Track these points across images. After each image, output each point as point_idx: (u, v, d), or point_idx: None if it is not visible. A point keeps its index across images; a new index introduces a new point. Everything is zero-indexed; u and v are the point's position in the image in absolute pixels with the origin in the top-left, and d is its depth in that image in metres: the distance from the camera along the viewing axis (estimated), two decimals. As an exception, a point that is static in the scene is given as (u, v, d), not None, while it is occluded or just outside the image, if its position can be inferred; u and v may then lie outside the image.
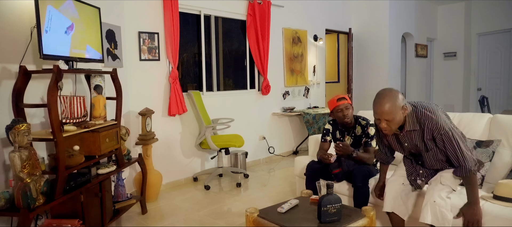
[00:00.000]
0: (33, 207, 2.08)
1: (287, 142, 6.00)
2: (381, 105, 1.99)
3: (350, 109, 2.90)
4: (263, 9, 5.19)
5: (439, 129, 1.99)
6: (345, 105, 2.89)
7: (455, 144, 1.99)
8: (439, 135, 2.00)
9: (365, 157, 2.83)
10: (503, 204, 2.19)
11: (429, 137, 2.04)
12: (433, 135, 2.02)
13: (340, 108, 2.89)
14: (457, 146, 2.00)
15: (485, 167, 2.54)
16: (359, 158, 2.81)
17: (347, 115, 2.88)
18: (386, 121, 2.00)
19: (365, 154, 2.85)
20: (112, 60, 3.59)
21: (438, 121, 1.99)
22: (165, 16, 4.15)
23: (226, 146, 4.30)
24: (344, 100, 2.89)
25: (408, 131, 2.09)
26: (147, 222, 3.29)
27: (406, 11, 7.42)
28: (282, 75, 5.82)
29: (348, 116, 2.88)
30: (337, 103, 2.89)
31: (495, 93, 8.00)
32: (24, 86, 2.37)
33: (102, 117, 2.88)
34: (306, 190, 2.68)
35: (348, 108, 2.90)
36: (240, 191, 4.14)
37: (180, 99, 4.24)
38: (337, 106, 2.89)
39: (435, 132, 2.00)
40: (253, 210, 2.22)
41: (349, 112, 2.89)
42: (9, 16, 2.37)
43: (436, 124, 1.99)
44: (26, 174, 2.09)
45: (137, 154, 3.55)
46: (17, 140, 2.08)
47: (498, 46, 7.94)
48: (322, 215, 2.02)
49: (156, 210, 3.58)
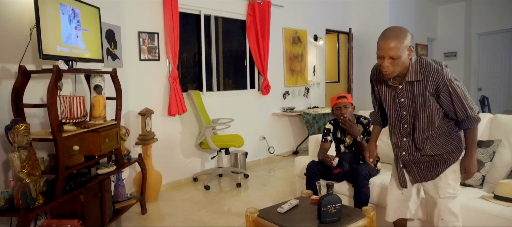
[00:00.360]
0: (32, 207, 2.08)
1: (287, 142, 5.99)
2: (387, 40, 1.77)
3: (349, 109, 2.91)
4: (263, 9, 5.19)
5: (445, 80, 1.80)
6: (344, 104, 2.91)
7: (461, 94, 1.82)
8: (444, 86, 1.81)
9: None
10: (503, 204, 2.19)
11: (432, 89, 1.84)
12: (438, 87, 1.82)
13: (339, 106, 2.95)
14: (463, 96, 1.82)
15: (486, 167, 2.54)
16: (362, 146, 2.82)
17: (345, 113, 2.90)
18: (391, 59, 1.78)
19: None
20: (112, 60, 3.59)
21: (443, 71, 1.81)
22: (165, 16, 4.14)
23: (226, 146, 4.30)
24: (344, 99, 2.93)
25: (409, 81, 1.88)
26: (147, 222, 3.29)
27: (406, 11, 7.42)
28: (282, 75, 5.81)
29: (346, 114, 2.90)
30: (337, 101, 2.97)
31: (495, 93, 8.00)
32: (24, 86, 2.37)
33: (102, 117, 2.88)
34: (306, 190, 2.68)
35: (347, 107, 2.91)
36: (240, 191, 4.14)
37: (180, 99, 4.24)
38: (337, 104, 2.96)
39: (441, 84, 1.81)
40: (253, 210, 2.22)
41: (348, 111, 2.90)
42: (9, 16, 2.37)
43: (441, 74, 1.80)
44: (26, 174, 2.08)
45: (137, 154, 3.54)
46: (17, 140, 2.07)
47: (498, 46, 7.94)
48: (322, 215, 2.02)
49: (156, 210, 3.58)
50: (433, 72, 1.82)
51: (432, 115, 1.91)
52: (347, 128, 2.88)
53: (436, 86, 1.83)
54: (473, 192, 2.44)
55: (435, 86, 1.83)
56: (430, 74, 1.83)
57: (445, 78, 1.80)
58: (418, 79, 1.85)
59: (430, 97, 1.87)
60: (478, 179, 2.53)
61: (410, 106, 1.95)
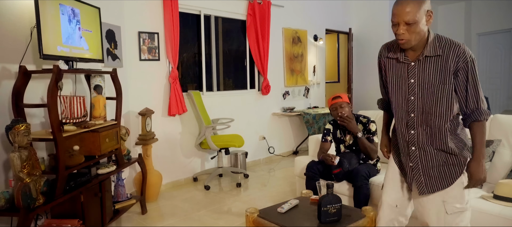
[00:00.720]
0: (33, 207, 2.08)
1: (287, 142, 6.00)
2: (402, 4, 1.57)
3: (345, 108, 2.93)
4: (263, 9, 5.19)
5: (466, 56, 1.60)
6: (340, 103, 2.93)
7: (477, 78, 1.64)
8: (465, 63, 1.60)
9: (368, 145, 2.84)
10: (503, 204, 2.19)
11: (453, 66, 1.62)
12: (458, 64, 1.61)
13: (335, 106, 2.97)
14: (478, 81, 1.64)
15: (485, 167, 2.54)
16: (363, 142, 2.83)
17: (342, 113, 2.91)
18: (407, 24, 1.57)
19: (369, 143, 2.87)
20: (112, 60, 3.59)
21: (465, 48, 1.62)
22: (165, 16, 4.15)
23: (226, 146, 4.30)
24: (339, 99, 2.96)
25: (427, 56, 1.66)
26: (147, 222, 3.29)
27: (406, 11, 7.41)
28: (282, 75, 5.82)
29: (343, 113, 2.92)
30: (332, 102, 2.99)
31: (495, 93, 8.00)
32: (24, 86, 2.37)
33: (102, 117, 2.88)
34: (306, 190, 2.68)
35: (343, 106, 2.92)
36: (240, 191, 4.14)
37: (180, 99, 4.24)
38: (332, 104, 2.98)
39: (462, 59, 1.61)
40: (253, 210, 2.22)
41: (344, 111, 2.91)
42: (9, 16, 2.37)
43: (464, 49, 1.61)
44: (26, 174, 2.09)
45: (137, 154, 3.54)
46: (17, 140, 2.08)
47: (498, 46, 7.94)
48: (322, 215, 2.02)
49: (156, 210, 3.58)
50: (454, 46, 1.63)
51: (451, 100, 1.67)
52: (346, 124, 2.88)
53: (457, 62, 1.62)
54: (473, 192, 2.44)
55: (456, 62, 1.62)
56: (451, 48, 1.63)
57: (467, 54, 1.61)
58: (437, 54, 1.64)
59: (450, 76, 1.65)
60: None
61: (420, 90, 1.71)
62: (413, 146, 1.78)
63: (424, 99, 1.70)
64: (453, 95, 1.67)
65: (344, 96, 2.99)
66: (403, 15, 1.57)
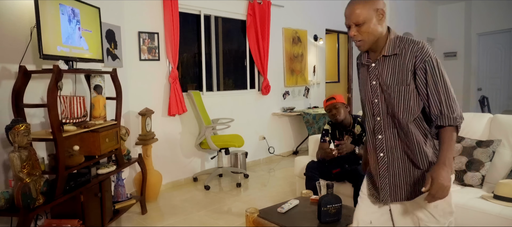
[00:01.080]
0: (32, 207, 2.08)
1: (287, 142, 6.00)
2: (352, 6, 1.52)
3: (340, 109, 2.94)
4: (263, 9, 5.19)
5: (424, 55, 1.48)
6: (334, 104, 2.96)
7: (440, 79, 1.47)
8: (422, 63, 1.49)
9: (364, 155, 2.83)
10: (503, 204, 2.19)
11: (411, 66, 1.51)
12: (416, 63, 1.50)
13: (329, 108, 2.99)
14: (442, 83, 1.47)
15: (486, 167, 2.54)
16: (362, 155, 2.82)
17: (336, 113, 2.93)
18: (357, 26, 1.52)
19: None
20: (112, 60, 3.59)
21: (425, 46, 1.51)
22: (165, 16, 4.15)
23: (226, 146, 4.30)
24: (332, 100, 3.00)
25: (386, 56, 1.56)
26: (147, 222, 3.29)
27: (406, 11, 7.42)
28: (282, 75, 5.82)
29: (338, 114, 2.93)
30: (326, 103, 3.02)
31: (495, 93, 8.00)
32: (24, 86, 2.37)
33: (102, 117, 2.88)
34: (306, 190, 2.68)
35: (338, 107, 2.94)
36: (240, 191, 4.14)
37: (180, 99, 4.24)
38: (327, 106, 3.01)
39: (419, 58, 1.49)
40: (253, 210, 2.22)
41: (339, 111, 2.93)
42: (9, 16, 2.37)
43: (422, 48, 1.50)
44: (26, 174, 2.09)
45: (137, 154, 3.54)
46: (17, 140, 2.07)
47: (498, 46, 7.94)
48: (322, 215, 2.02)
49: (156, 210, 3.58)
50: (413, 45, 1.52)
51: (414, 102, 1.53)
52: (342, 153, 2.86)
53: (414, 62, 1.51)
54: (473, 192, 2.45)
55: (413, 60, 1.51)
56: (410, 47, 1.52)
57: (424, 52, 1.49)
58: (395, 52, 1.54)
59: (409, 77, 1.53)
60: (478, 179, 2.53)
61: (382, 92, 1.59)
62: (381, 152, 1.63)
63: (388, 102, 1.58)
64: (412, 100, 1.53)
65: (339, 97, 3.00)
66: (352, 17, 1.52)
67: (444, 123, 1.46)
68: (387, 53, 1.56)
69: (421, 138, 1.55)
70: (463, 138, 2.74)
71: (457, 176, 2.60)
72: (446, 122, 1.46)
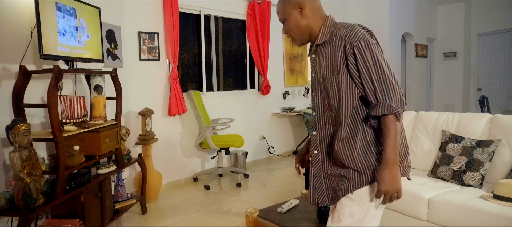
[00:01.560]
0: (33, 207, 2.08)
1: (287, 142, 6.00)
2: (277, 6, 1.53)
3: None
4: (263, 9, 5.20)
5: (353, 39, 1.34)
6: None
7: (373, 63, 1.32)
8: (351, 47, 1.34)
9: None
10: (503, 204, 2.19)
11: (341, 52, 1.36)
12: (345, 49, 1.35)
13: None
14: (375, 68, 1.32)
15: (485, 167, 2.54)
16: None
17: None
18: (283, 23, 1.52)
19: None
20: (112, 60, 3.59)
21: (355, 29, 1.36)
22: (165, 16, 4.15)
23: (226, 146, 4.31)
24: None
25: (319, 45, 1.46)
26: (147, 222, 3.29)
27: (406, 11, 7.42)
28: (282, 75, 5.82)
29: None
30: None
31: (495, 93, 8.01)
32: (24, 86, 2.37)
33: (102, 117, 2.88)
34: (306, 190, 2.68)
35: None
36: (240, 191, 4.14)
37: (180, 99, 4.25)
38: None
39: (348, 43, 1.35)
40: (253, 210, 2.22)
41: None
42: (9, 16, 2.37)
43: (350, 31, 1.36)
44: (26, 174, 2.09)
45: (137, 154, 3.55)
46: (17, 140, 2.08)
47: (498, 46, 7.95)
48: (322, 215, 2.02)
49: (156, 210, 3.58)
50: (342, 28, 1.39)
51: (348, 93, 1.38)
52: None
53: (344, 47, 1.36)
54: (473, 191, 2.45)
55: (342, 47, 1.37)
56: (339, 32, 1.39)
57: (353, 36, 1.34)
58: (325, 40, 1.43)
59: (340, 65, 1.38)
60: (478, 179, 2.53)
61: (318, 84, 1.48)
62: (315, 149, 1.51)
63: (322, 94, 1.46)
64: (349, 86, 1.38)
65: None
66: (278, 16, 1.52)
67: (378, 112, 1.30)
68: (319, 41, 1.46)
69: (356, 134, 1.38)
70: (463, 137, 2.75)
71: (457, 176, 2.60)
72: (380, 111, 1.29)
